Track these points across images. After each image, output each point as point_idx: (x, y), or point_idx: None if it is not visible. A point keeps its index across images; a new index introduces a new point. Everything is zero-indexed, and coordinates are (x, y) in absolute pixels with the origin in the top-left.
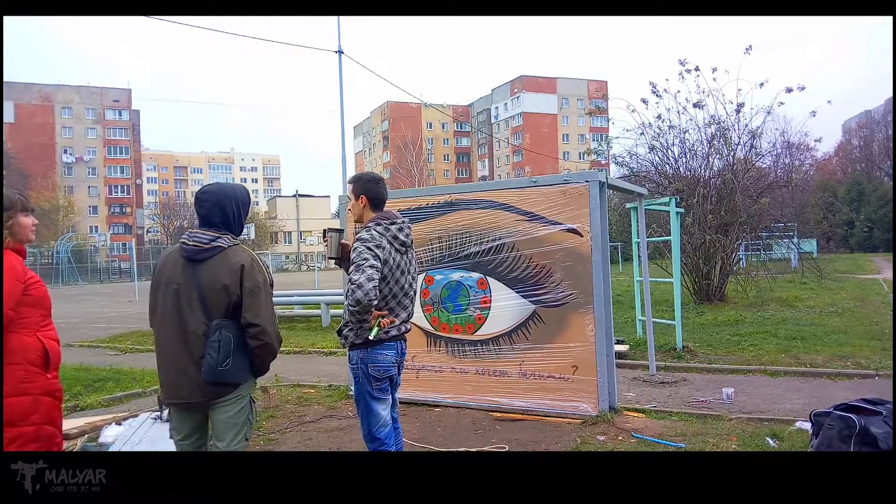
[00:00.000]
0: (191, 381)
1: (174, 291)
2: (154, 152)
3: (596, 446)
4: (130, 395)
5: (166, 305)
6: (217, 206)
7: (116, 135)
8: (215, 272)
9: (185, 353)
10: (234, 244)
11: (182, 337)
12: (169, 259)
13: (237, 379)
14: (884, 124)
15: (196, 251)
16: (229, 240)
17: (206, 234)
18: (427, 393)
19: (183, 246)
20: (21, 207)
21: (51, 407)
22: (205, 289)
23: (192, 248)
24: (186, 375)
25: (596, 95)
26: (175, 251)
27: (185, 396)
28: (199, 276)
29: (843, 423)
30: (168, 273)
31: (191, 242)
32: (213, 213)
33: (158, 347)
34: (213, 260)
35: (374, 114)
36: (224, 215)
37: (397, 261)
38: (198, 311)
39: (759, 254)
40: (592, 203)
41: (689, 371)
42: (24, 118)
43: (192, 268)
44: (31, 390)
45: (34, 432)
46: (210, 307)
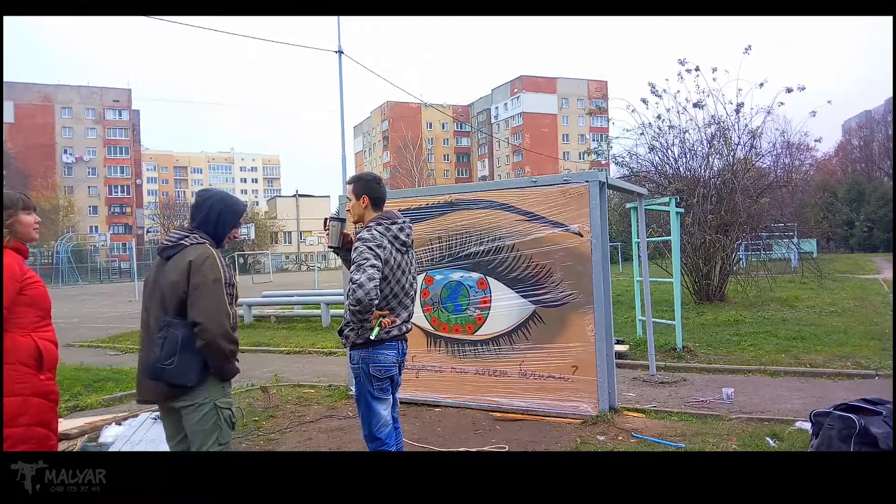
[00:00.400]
0: (145, 378)
1: (148, 290)
2: (154, 152)
3: (596, 446)
4: (130, 395)
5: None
6: (202, 206)
7: (116, 135)
8: (172, 269)
9: (145, 350)
10: (196, 242)
11: (145, 334)
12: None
13: (179, 380)
14: (884, 124)
15: (163, 248)
16: (195, 238)
17: (178, 233)
18: (427, 393)
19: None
20: (22, 206)
21: (42, 409)
22: (164, 286)
23: (162, 246)
24: (143, 373)
25: (596, 95)
26: None
27: (140, 394)
28: (163, 273)
29: (843, 423)
30: (151, 272)
31: (164, 240)
32: (196, 213)
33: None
34: (175, 257)
35: (374, 114)
36: (205, 217)
37: (398, 260)
38: (157, 308)
39: (759, 254)
40: (592, 203)
41: (689, 371)
42: (24, 118)
43: (161, 265)
44: (21, 391)
45: (23, 433)
46: (167, 305)
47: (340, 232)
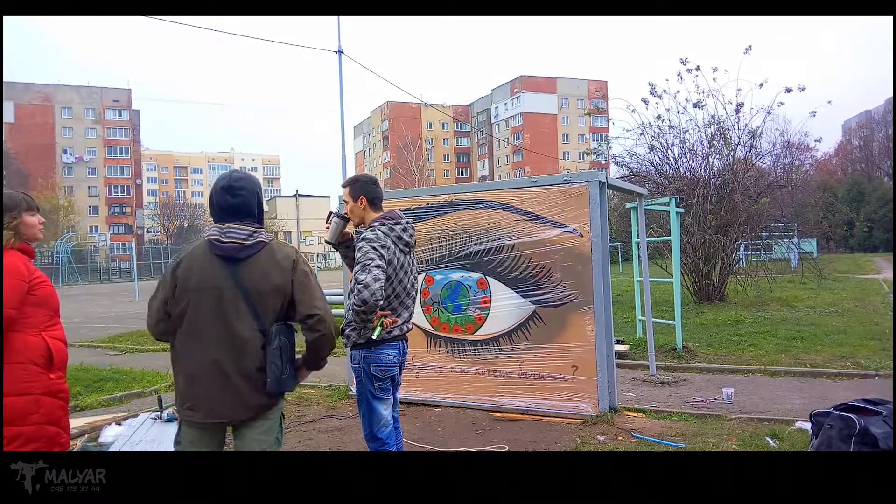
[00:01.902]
0: (238, 396)
1: (214, 297)
2: (154, 152)
3: (596, 446)
4: (130, 395)
5: (200, 314)
6: (254, 195)
7: (116, 135)
8: (264, 271)
9: (234, 365)
10: (270, 238)
11: (229, 348)
12: (195, 260)
13: (292, 387)
14: (884, 124)
15: (236, 249)
16: (267, 234)
17: (244, 229)
18: (427, 393)
19: (217, 244)
20: (26, 207)
21: (53, 407)
22: (252, 291)
23: (231, 246)
24: (233, 391)
25: (596, 95)
26: (201, 250)
27: (227, 415)
28: (242, 276)
29: (843, 423)
30: (199, 276)
31: (227, 240)
32: (249, 203)
33: (188, 361)
34: (257, 257)
35: (374, 114)
36: (259, 207)
37: (401, 261)
38: (246, 316)
39: (759, 254)
40: (592, 203)
41: (689, 371)
42: (24, 118)
43: (232, 268)
44: (33, 390)
45: (34, 432)
46: (260, 311)
47: (341, 230)
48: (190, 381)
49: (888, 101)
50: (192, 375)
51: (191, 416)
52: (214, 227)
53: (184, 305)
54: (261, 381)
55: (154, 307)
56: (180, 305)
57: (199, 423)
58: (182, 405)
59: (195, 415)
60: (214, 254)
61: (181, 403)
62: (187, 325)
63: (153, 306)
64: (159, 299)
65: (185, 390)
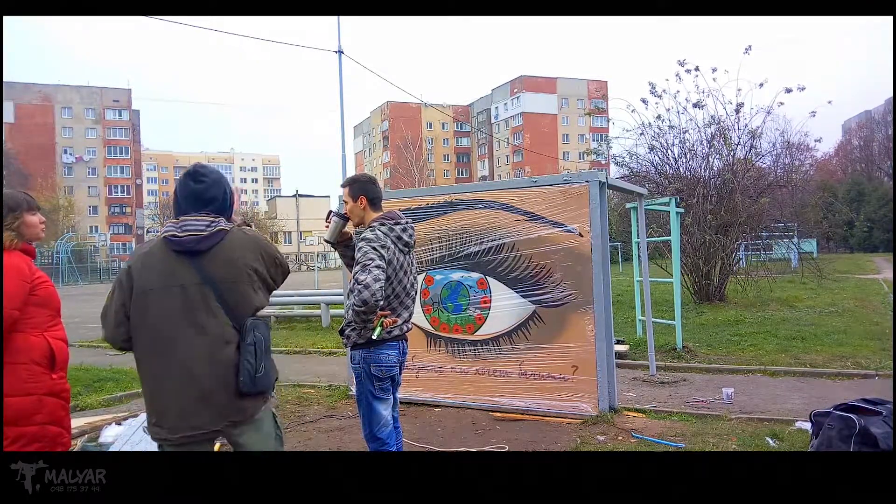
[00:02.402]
0: (215, 402)
1: (179, 296)
2: (154, 152)
3: (596, 446)
4: (130, 395)
5: (165, 315)
6: (218, 185)
7: (116, 135)
8: (230, 259)
9: (207, 368)
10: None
11: (201, 349)
12: (152, 257)
13: (268, 385)
14: (884, 124)
15: (195, 241)
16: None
17: (201, 220)
18: (427, 393)
19: (173, 239)
20: (27, 207)
21: (56, 407)
22: (222, 283)
23: (190, 239)
24: (209, 397)
25: (596, 95)
26: (157, 248)
27: (207, 424)
28: (208, 270)
29: (843, 423)
30: (159, 275)
31: (183, 233)
32: (213, 191)
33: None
34: (220, 247)
35: (374, 114)
36: (223, 198)
37: (400, 261)
38: (219, 312)
39: (759, 254)
40: (592, 203)
41: (689, 371)
42: (24, 118)
43: (196, 263)
44: (36, 390)
45: (37, 432)
46: (232, 305)
47: (340, 229)
48: (157, 391)
49: (888, 101)
50: (159, 384)
51: (158, 432)
52: (169, 222)
53: (143, 308)
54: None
55: (111, 314)
56: (139, 308)
57: (166, 439)
58: (150, 422)
59: (161, 431)
60: (173, 250)
61: (149, 420)
62: (149, 330)
63: (109, 313)
64: (116, 304)
65: (151, 402)
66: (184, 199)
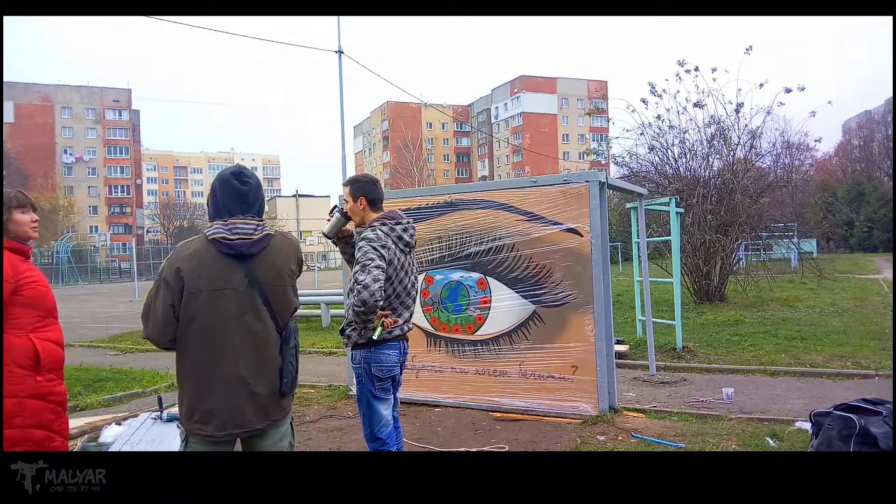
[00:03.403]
0: (260, 401)
1: (230, 298)
2: (154, 152)
3: (596, 446)
4: (130, 395)
5: (216, 317)
6: (259, 187)
7: (116, 135)
8: (277, 264)
9: (254, 371)
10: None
11: (250, 352)
12: (202, 259)
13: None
14: (884, 124)
15: (247, 244)
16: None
17: (248, 223)
18: (427, 393)
19: (224, 242)
20: (16, 204)
21: (41, 410)
22: (269, 288)
23: (241, 242)
24: (254, 398)
25: (596, 95)
26: (206, 249)
27: (253, 423)
28: (256, 274)
29: (843, 423)
30: (210, 277)
31: (234, 236)
32: (256, 193)
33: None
34: (268, 250)
35: (374, 114)
36: (262, 201)
37: (401, 261)
38: (265, 317)
39: (759, 254)
40: (592, 203)
41: (689, 371)
42: (24, 118)
43: (244, 265)
44: (17, 392)
45: (18, 435)
46: (277, 308)
47: (340, 227)
48: (204, 390)
49: (888, 101)
50: (206, 384)
51: (202, 428)
52: (217, 224)
53: (194, 309)
54: (278, 385)
55: (159, 313)
56: (190, 309)
57: (211, 436)
58: (190, 417)
59: (206, 427)
60: (223, 252)
61: (189, 415)
62: (200, 331)
63: (157, 312)
64: (164, 304)
65: (198, 401)
66: (229, 200)
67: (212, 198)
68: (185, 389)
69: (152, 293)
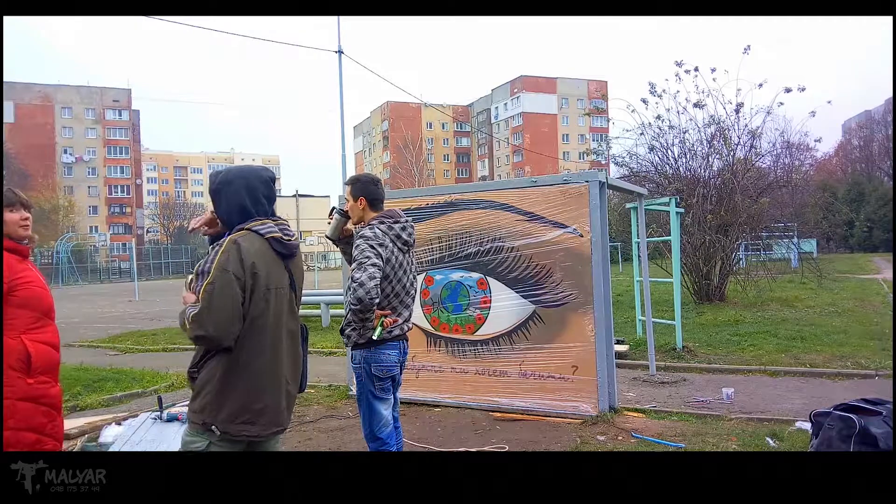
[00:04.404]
0: (291, 401)
1: (282, 298)
2: (154, 152)
3: (596, 446)
4: (130, 395)
5: (270, 317)
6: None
7: (116, 135)
8: (301, 265)
9: (292, 368)
10: None
11: (289, 350)
12: (262, 256)
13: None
14: (884, 124)
15: (296, 246)
16: None
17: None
18: (427, 393)
19: (281, 241)
20: (7, 203)
21: (33, 413)
22: (298, 288)
23: (294, 244)
24: (290, 396)
25: (596, 95)
26: (263, 247)
27: (286, 421)
28: (293, 273)
29: (843, 423)
30: (270, 274)
31: (286, 237)
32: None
33: (257, 370)
34: (298, 253)
35: (374, 114)
36: None
37: (399, 260)
38: (297, 316)
39: (759, 254)
40: (592, 203)
41: (689, 371)
42: (24, 118)
43: (287, 266)
44: (8, 395)
45: (9, 437)
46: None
47: (341, 226)
48: (259, 390)
49: (888, 101)
50: (261, 384)
51: (246, 429)
52: (266, 222)
53: (262, 307)
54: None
55: (227, 310)
56: (259, 307)
57: (256, 436)
58: (234, 419)
59: (252, 428)
60: (276, 251)
61: (233, 417)
62: (262, 329)
63: (224, 309)
64: (234, 300)
65: (249, 401)
66: (268, 202)
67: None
68: (232, 390)
69: (212, 289)
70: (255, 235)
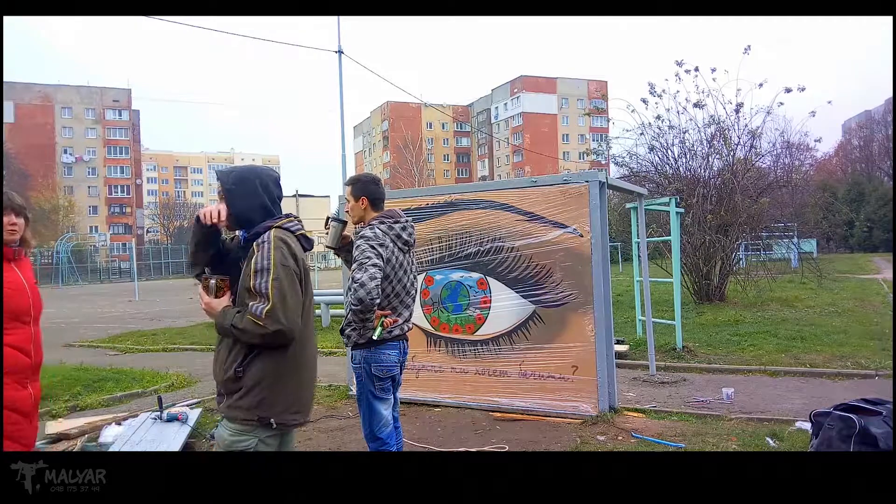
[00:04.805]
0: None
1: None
2: (154, 152)
3: (596, 446)
4: (130, 396)
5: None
6: None
7: (116, 135)
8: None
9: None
10: None
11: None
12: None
13: None
14: (884, 124)
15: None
16: None
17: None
18: (427, 393)
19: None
20: None
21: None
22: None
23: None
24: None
25: (596, 95)
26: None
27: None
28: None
29: (843, 423)
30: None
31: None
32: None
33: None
34: None
35: (374, 114)
36: None
37: (400, 260)
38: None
39: (759, 254)
40: (592, 203)
41: (689, 371)
42: (24, 118)
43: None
44: None
45: None
46: None
47: (340, 234)
48: (308, 379)
49: (888, 101)
50: (306, 375)
51: (296, 419)
52: (294, 219)
53: (307, 302)
54: None
55: (297, 304)
56: (306, 302)
57: (302, 423)
58: (288, 409)
59: (299, 416)
60: (303, 245)
61: (288, 407)
62: (306, 323)
63: (295, 304)
64: (297, 292)
65: (300, 390)
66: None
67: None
68: (286, 382)
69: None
70: (285, 231)
